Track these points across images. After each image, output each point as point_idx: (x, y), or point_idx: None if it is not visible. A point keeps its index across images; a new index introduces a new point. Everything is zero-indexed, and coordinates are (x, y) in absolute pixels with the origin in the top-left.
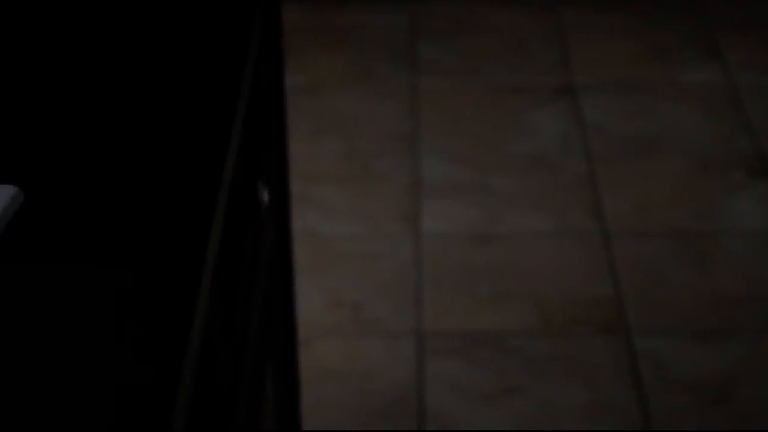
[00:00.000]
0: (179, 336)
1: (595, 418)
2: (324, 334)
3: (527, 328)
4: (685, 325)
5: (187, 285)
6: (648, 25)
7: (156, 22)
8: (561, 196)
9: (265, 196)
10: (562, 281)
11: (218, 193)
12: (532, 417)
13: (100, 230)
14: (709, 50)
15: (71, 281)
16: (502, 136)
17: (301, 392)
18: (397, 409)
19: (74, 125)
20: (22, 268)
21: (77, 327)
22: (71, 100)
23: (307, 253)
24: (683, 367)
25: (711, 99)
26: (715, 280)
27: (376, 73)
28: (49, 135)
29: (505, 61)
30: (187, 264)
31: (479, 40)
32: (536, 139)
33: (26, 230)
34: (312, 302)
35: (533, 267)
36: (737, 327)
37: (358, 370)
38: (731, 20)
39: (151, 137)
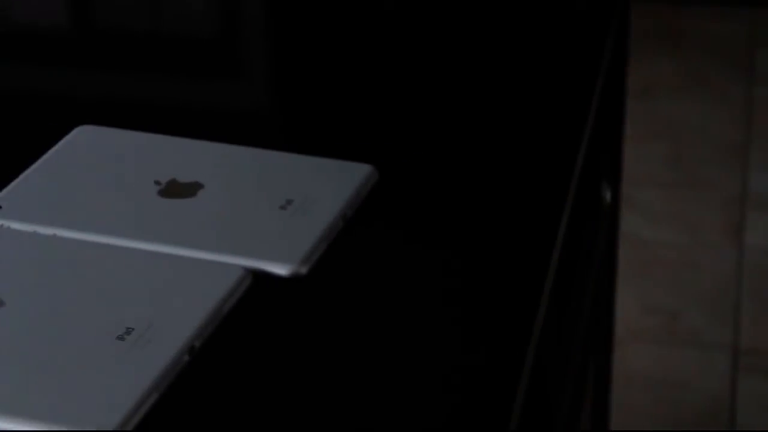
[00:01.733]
0: (522, 329)
1: None
2: (637, 339)
3: None
4: None
5: (533, 275)
6: None
7: (521, 24)
8: None
9: (608, 196)
10: None
11: (567, 188)
12: None
13: (450, 215)
14: None
15: (417, 263)
16: None
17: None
18: (707, 422)
19: (429, 113)
20: (372, 244)
21: (416, 309)
22: (429, 89)
23: (626, 256)
24: None
25: None
26: None
27: (710, 80)
28: (404, 119)
29: None
30: (533, 256)
31: None
32: None
33: (378, 209)
34: (627, 306)
35: None
36: None
37: (669, 379)
38: None
39: (505, 131)
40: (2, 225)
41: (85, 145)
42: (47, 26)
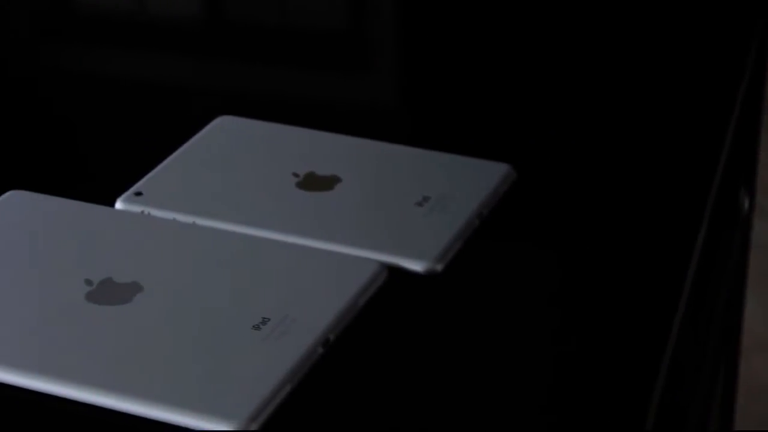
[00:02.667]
0: (659, 332)
1: None
2: (762, 348)
3: None
4: None
5: (670, 281)
6: None
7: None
8: None
9: (746, 204)
10: None
11: (707, 194)
12: None
13: (587, 217)
14: None
15: (551, 265)
16: None
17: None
18: None
19: (570, 115)
20: (507, 244)
21: (548, 311)
22: (571, 89)
23: (754, 264)
24: None
25: None
26: None
27: None
28: (545, 119)
29: None
30: (671, 261)
31: None
32: None
33: (515, 209)
34: (753, 314)
35: None
36: None
37: None
38: None
39: (646, 135)
40: (143, 211)
41: (225, 135)
42: (183, 18)
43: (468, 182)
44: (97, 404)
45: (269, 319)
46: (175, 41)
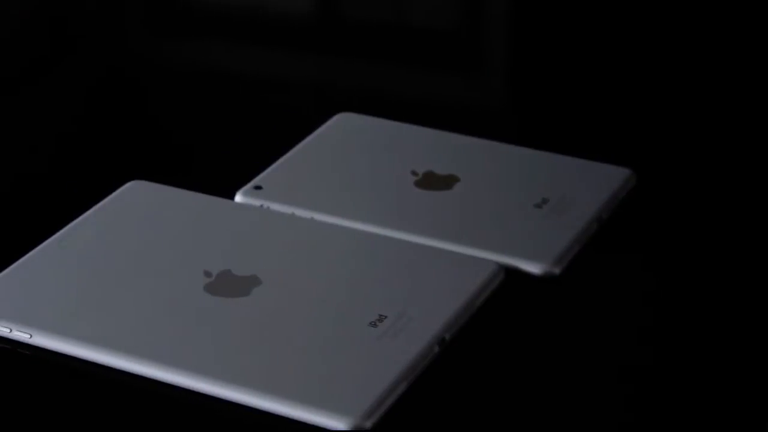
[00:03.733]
0: None
1: None
2: None
3: None
4: None
5: None
6: None
7: None
8: None
9: None
10: None
11: None
12: None
13: (707, 225)
14: None
15: (671, 272)
16: None
17: None
18: None
19: (693, 120)
20: (625, 250)
21: (665, 319)
22: (694, 93)
23: None
24: None
25: None
26: None
27: None
28: (667, 123)
29: None
30: None
31: None
32: None
33: (634, 215)
34: None
35: None
36: None
37: None
38: None
39: None
40: (262, 205)
41: (345, 132)
42: (298, 15)
43: (588, 186)
44: (210, 394)
45: (386, 317)
46: (291, 38)
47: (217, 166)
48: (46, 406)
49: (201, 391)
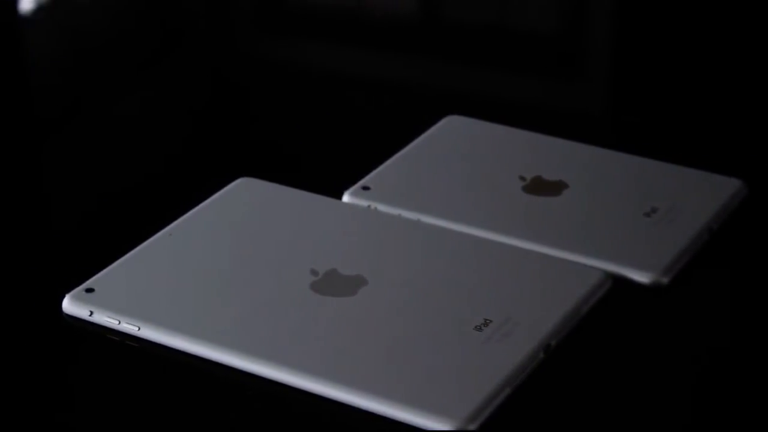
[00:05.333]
0: None
1: None
2: None
3: None
4: None
5: None
6: None
7: None
8: None
9: None
10: None
11: None
12: None
13: None
14: None
15: None
16: None
17: None
18: None
19: None
20: (735, 261)
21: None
22: None
23: None
24: None
25: None
26: None
27: None
28: None
29: None
30: None
31: None
32: None
33: (745, 226)
34: None
35: None
36: None
37: None
38: None
39: None
40: (369, 206)
41: (453, 135)
42: (400, 16)
43: (698, 196)
44: (313, 392)
45: (491, 321)
46: (393, 39)
47: (326, 166)
48: (151, 398)
49: (304, 389)
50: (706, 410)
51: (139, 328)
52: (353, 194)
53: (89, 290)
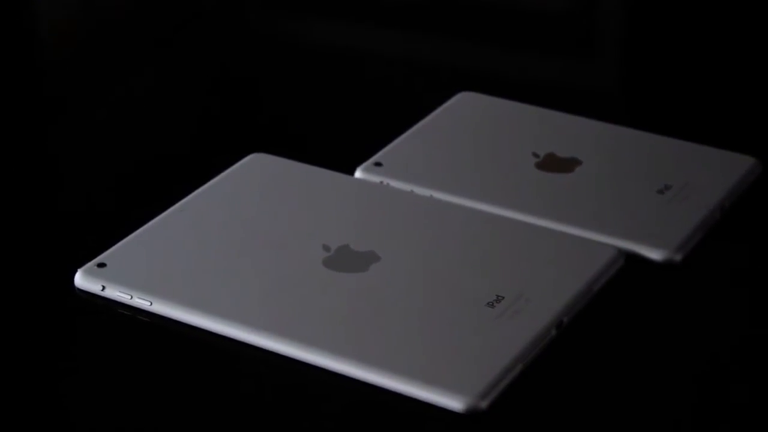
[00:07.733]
0: None
1: None
2: None
3: None
4: None
5: None
6: None
7: None
8: None
9: None
10: None
11: None
12: None
13: None
14: None
15: None
16: None
17: None
18: None
19: None
20: (748, 239)
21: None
22: None
23: None
24: None
25: None
26: None
27: None
28: None
29: None
30: None
31: None
32: None
33: (758, 204)
34: None
35: None
36: None
37: None
38: None
39: None
40: (382, 182)
41: (467, 111)
42: None
43: (711, 173)
44: (325, 367)
45: (503, 297)
46: (406, 17)
47: (339, 142)
48: (163, 373)
49: (316, 364)
50: (718, 387)
51: (151, 303)
52: (365, 170)
53: (101, 265)
